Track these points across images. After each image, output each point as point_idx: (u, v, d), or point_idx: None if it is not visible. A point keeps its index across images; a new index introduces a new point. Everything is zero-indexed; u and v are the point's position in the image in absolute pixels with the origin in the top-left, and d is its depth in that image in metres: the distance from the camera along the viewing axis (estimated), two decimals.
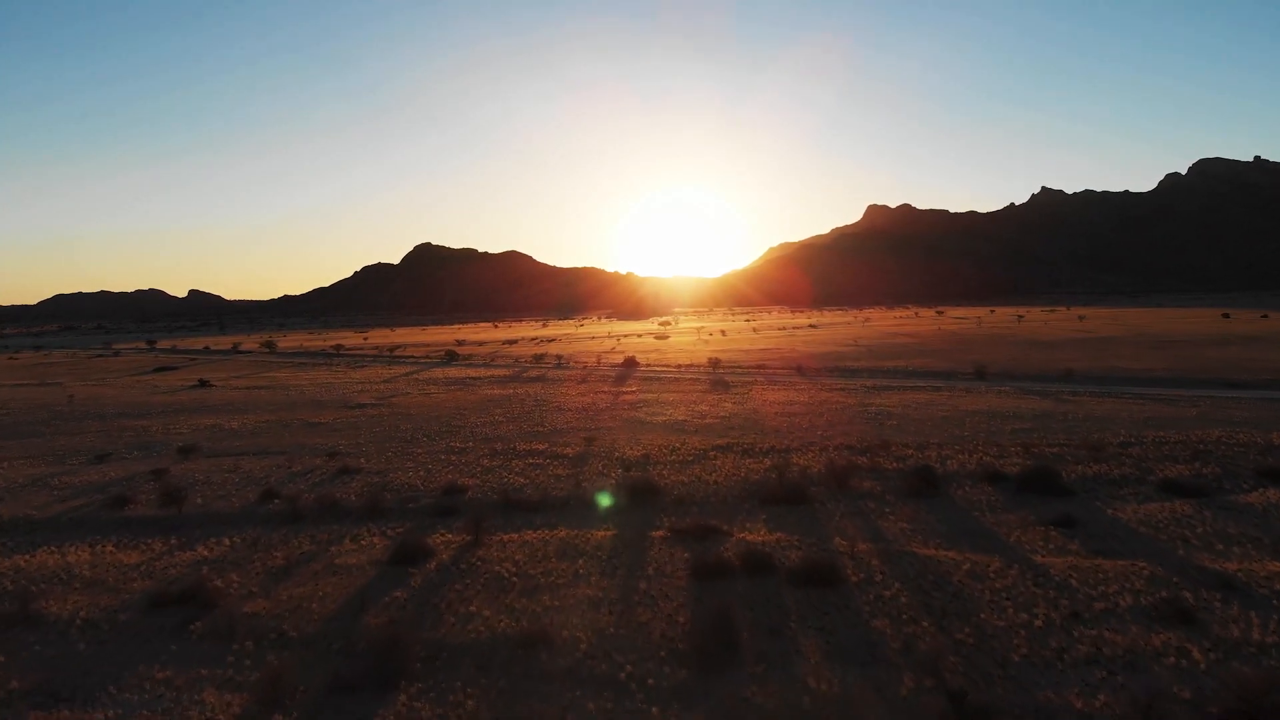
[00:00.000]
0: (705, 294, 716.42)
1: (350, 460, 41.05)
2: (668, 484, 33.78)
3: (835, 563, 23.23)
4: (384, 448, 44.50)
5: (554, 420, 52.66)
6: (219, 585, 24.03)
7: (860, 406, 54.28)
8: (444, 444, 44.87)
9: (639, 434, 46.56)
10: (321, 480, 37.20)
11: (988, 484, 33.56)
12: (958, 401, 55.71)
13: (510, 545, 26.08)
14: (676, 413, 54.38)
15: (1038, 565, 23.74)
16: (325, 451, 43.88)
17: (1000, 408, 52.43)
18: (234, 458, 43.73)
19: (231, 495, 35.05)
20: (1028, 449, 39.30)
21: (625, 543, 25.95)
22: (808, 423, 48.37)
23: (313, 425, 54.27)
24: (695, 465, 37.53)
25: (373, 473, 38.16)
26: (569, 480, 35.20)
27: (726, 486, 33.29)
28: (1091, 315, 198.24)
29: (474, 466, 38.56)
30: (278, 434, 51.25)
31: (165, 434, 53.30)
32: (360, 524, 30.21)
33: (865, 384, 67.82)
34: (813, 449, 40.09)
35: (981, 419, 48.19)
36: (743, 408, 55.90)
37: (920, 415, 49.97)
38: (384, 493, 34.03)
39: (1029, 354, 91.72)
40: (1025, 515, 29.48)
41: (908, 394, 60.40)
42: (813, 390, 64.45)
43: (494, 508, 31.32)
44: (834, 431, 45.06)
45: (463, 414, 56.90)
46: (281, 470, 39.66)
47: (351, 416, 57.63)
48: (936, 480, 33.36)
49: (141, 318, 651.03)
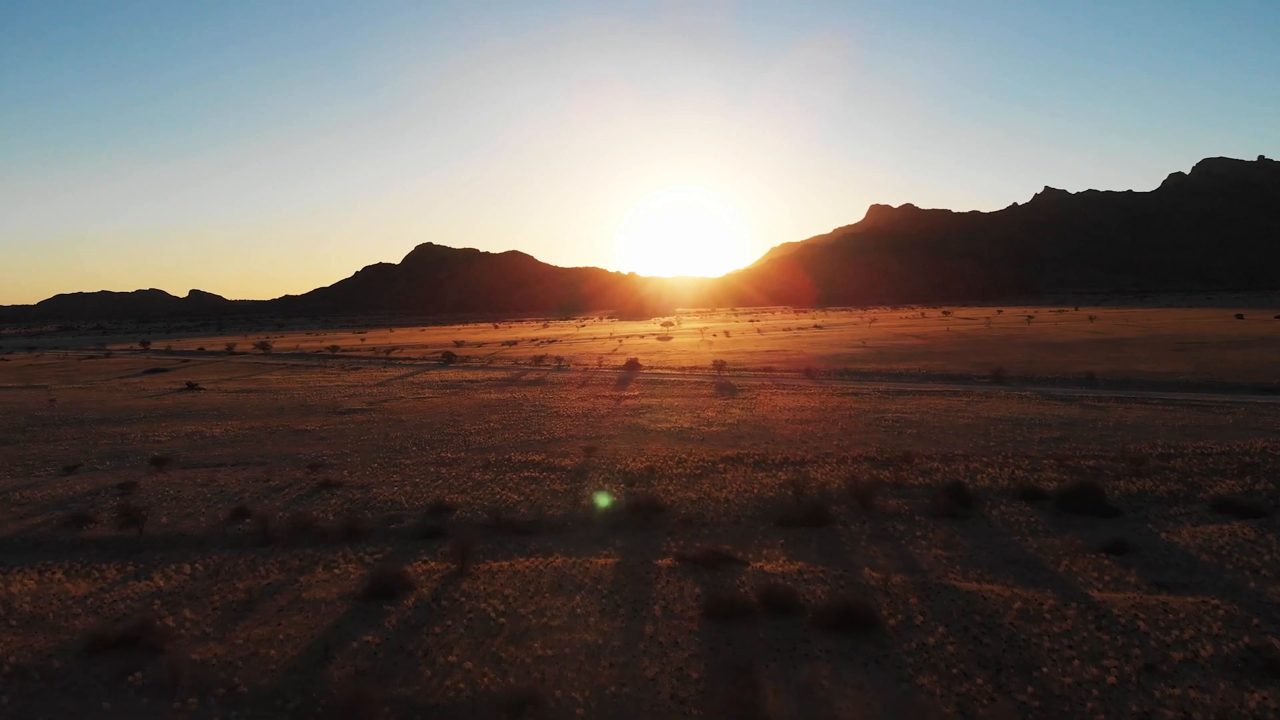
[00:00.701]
0: (707, 294, 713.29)
1: (333, 473, 38.25)
2: (674, 501, 30.96)
3: (869, 601, 20.37)
4: (370, 458, 41.71)
5: (552, 427, 49.87)
6: (169, 624, 21.20)
7: (876, 413, 51.43)
8: (434, 454, 42.07)
9: (642, 443, 43.76)
10: (299, 496, 34.39)
11: (1024, 502, 30.69)
12: (978, 408, 52.87)
13: (499, 576, 23.24)
14: (681, 419, 51.57)
15: (1096, 603, 20.88)
16: (308, 462, 41.11)
17: (1024, 414, 49.58)
18: (210, 469, 40.96)
19: (200, 513, 32.26)
20: (1062, 461, 36.44)
21: (628, 573, 23.11)
22: (822, 431, 45.54)
23: (298, 433, 51.52)
24: (703, 479, 34.70)
25: (355, 487, 35.36)
26: (567, 497, 32.37)
27: (739, 504, 30.44)
28: (1101, 315, 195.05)
29: (464, 480, 35.74)
30: (261, 442, 48.49)
31: (143, 442, 50.56)
32: (336, 548, 27.41)
33: (878, 388, 64.96)
34: (830, 461, 37.25)
35: (1006, 427, 45.35)
36: (751, 414, 53.07)
37: (941, 423, 47.14)
38: (365, 511, 31.23)
39: (1044, 356, 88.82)
40: (1071, 540, 26.65)
41: (925, 399, 57.54)
42: (824, 395, 61.59)
43: (483, 529, 28.51)
44: (851, 441, 42.21)
45: (456, 420, 54.11)
46: (258, 484, 36.87)
47: (340, 423, 54.85)
48: (969, 498, 30.50)
49: (141, 318, 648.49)
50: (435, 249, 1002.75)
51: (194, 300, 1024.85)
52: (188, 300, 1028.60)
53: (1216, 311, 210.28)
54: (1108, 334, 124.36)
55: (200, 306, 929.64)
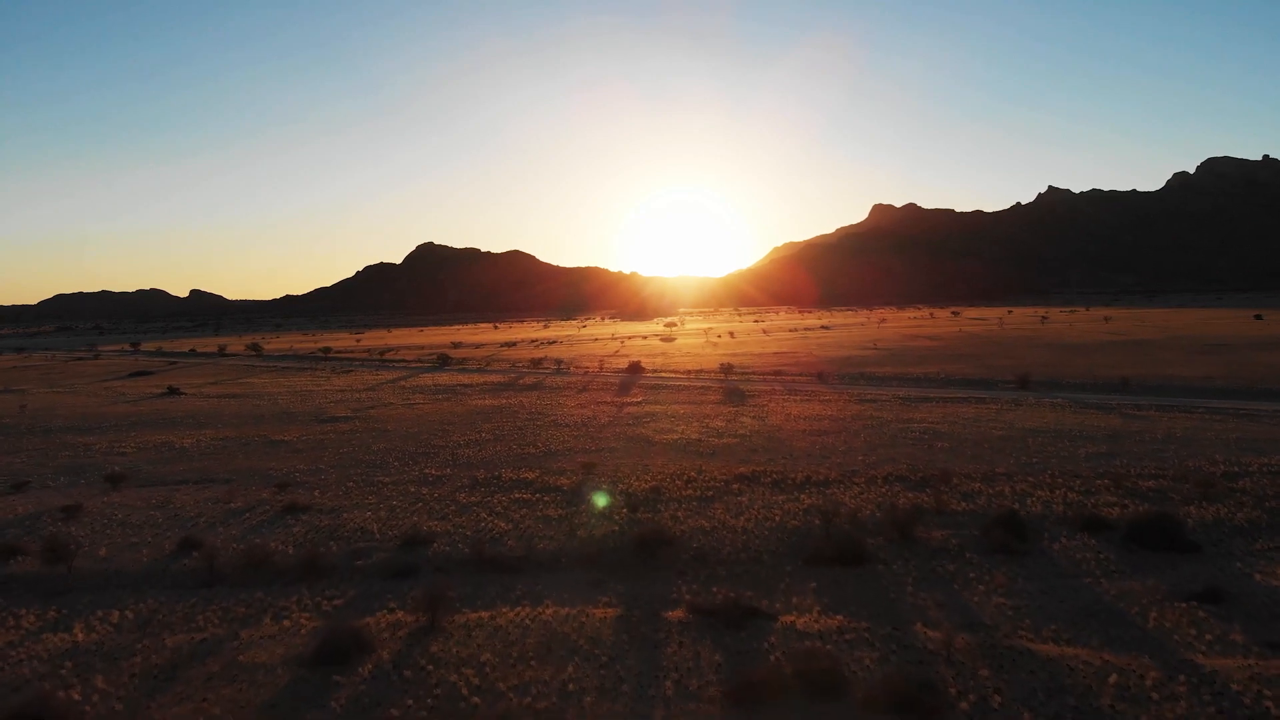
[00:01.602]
0: (709, 294, 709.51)
1: (302, 493, 34.36)
2: (684, 531, 27.04)
3: (930, 675, 16.50)
4: (346, 475, 37.81)
5: (548, 439, 45.98)
6: (74, 697, 17.36)
7: (900, 423, 47.49)
8: (417, 470, 38.17)
9: (646, 457, 39.85)
10: (260, 522, 30.48)
11: (1088, 534, 26.75)
12: (1010, 416, 48.91)
13: (477, 633, 19.33)
14: (689, 429, 47.66)
15: (1207, 674, 16.93)
16: (277, 480, 37.23)
17: (1062, 425, 45.63)
18: (170, 487, 37.09)
19: (145, 544, 28.37)
20: (1118, 483, 32.47)
21: (632, 631, 19.19)
22: (843, 444, 41.58)
23: (274, 444, 47.66)
24: (716, 503, 30.77)
25: (324, 511, 31.46)
26: (561, 525, 28.45)
27: (759, 536, 26.51)
28: (1115, 316, 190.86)
29: (446, 504, 31.82)
30: (231, 455, 44.63)
31: (106, 454, 46.71)
32: (291, 590, 23.52)
33: (897, 394, 61.00)
34: (857, 481, 33.31)
35: (1046, 439, 41.39)
36: (764, 424, 49.15)
37: (974, 434, 43.18)
38: (330, 542, 27.33)
39: (1067, 359, 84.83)
40: (1153, 584, 22.75)
41: (950, 407, 53.58)
42: (840, 402, 57.64)
43: (463, 566, 24.61)
44: (877, 456, 38.25)
45: (445, 430, 50.22)
46: (218, 507, 32.98)
47: (320, 433, 50.98)
48: (1024, 529, 26.56)
49: (141, 318, 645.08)
50: (436, 249, 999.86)
51: (194, 300, 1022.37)
52: (188, 300, 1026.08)
53: (1231, 312, 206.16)
54: (1127, 335, 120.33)
55: (200, 306, 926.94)
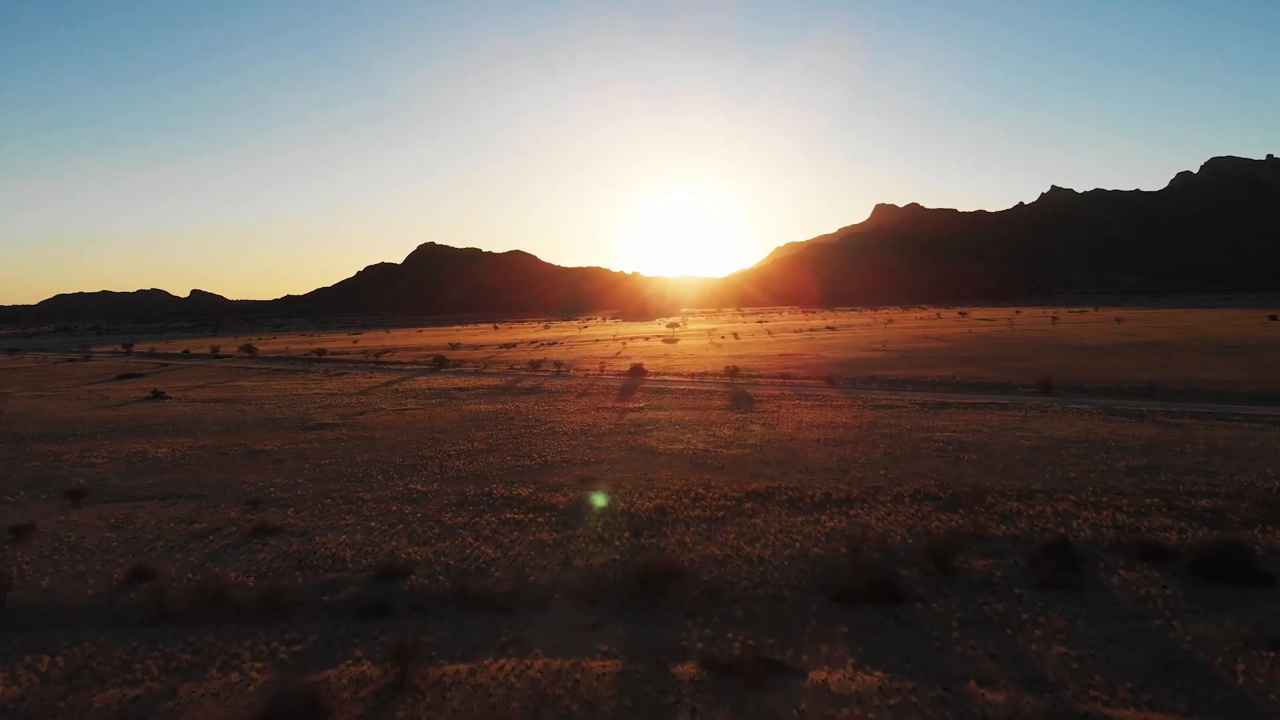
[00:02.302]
0: (711, 294, 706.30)
1: (274, 512, 31.47)
2: (693, 561, 24.13)
3: None
4: (325, 490, 34.92)
5: (545, 449, 43.08)
6: None
7: (920, 432, 44.55)
8: (402, 485, 35.27)
9: (650, 470, 36.95)
10: (224, 547, 27.58)
11: (1146, 564, 23.80)
12: (1037, 425, 45.97)
13: (453, 695, 16.43)
14: (695, 438, 44.75)
15: None
16: (250, 496, 34.35)
17: (1094, 434, 42.68)
18: (134, 504, 34.24)
19: (93, 573, 25.49)
20: (1169, 502, 29.53)
21: (636, 693, 16.28)
22: (862, 456, 38.63)
23: (253, 454, 44.80)
24: (728, 525, 27.85)
25: (295, 534, 28.57)
26: (556, 552, 25.53)
27: (778, 567, 23.58)
28: (1126, 316, 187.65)
29: (430, 525, 28.92)
30: (206, 466, 41.78)
31: (75, 465, 43.90)
32: (246, 631, 20.63)
33: (913, 399, 58.04)
34: (882, 500, 30.38)
35: (1080, 451, 38.44)
36: (774, 432, 46.23)
37: (1001, 445, 40.23)
38: (297, 572, 24.43)
39: (1085, 361, 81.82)
40: (1230, 626, 19.84)
41: (972, 413, 50.64)
42: (854, 408, 54.70)
43: (443, 604, 21.72)
44: (900, 470, 35.31)
45: (436, 439, 47.33)
46: (180, 528, 30.10)
47: (303, 442, 48.10)
48: (1076, 558, 23.65)
49: (141, 318, 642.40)
50: (437, 249, 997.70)
51: (195, 300, 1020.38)
52: (189, 300, 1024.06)
53: (1244, 312, 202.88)
54: (1141, 336, 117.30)
55: (201, 307, 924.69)
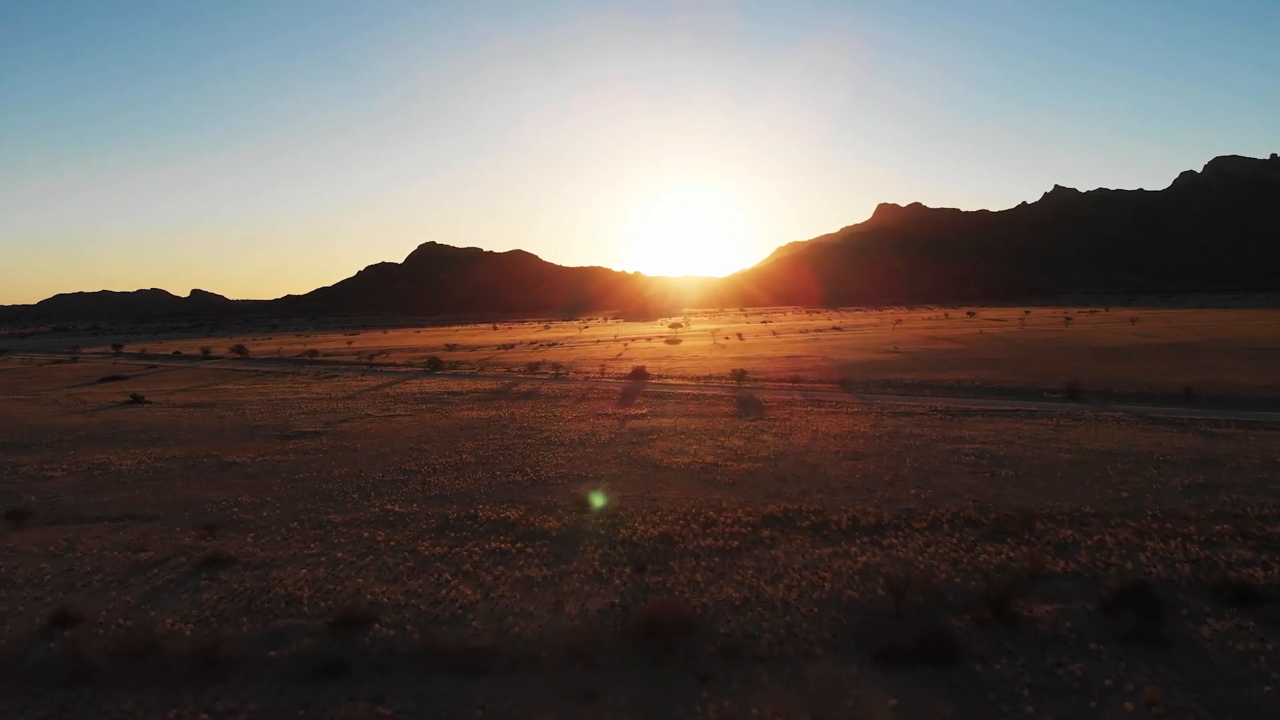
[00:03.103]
0: (713, 294, 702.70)
1: (232, 539, 27.99)
2: (707, 605, 20.62)
3: None
4: (293, 511, 31.44)
5: (539, 462, 39.60)
6: None
7: (948, 443, 41.02)
8: (378, 506, 31.79)
9: (654, 488, 33.47)
10: (167, 584, 24.09)
11: (1234, 608, 20.31)
12: (1073, 435, 42.43)
13: None
14: (702, 450, 41.26)
15: None
16: (210, 518, 30.88)
17: (1137, 446, 39.14)
18: (81, 527, 30.79)
19: (14, 615, 22.02)
20: (1242, 529, 25.98)
21: None
22: (888, 471, 35.10)
23: (224, 467, 41.37)
24: (744, 558, 24.34)
25: (251, 566, 25.08)
26: (546, 593, 22.02)
27: (807, 615, 20.05)
28: (1140, 317, 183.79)
29: (404, 557, 25.41)
30: (170, 481, 38.34)
31: (30, 479, 40.51)
32: (172, 699, 17.13)
33: (934, 405, 54.50)
34: (917, 525, 26.86)
35: (1127, 466, 34.90)
36: (788, 443, 42.73)
37: (1039, 459, 36.70)
38: (244, 618, 20.94)
39: (1108, 365, 78.22)
40: None
41: (999, 422, 47.10)
42: (871, 415, 51.18)
43: (409, 663, 18.22)
44: (934, 489, 31.78)
45: (423, 450, 43.86)
46: (124, 558, 26.62)
47: (280, 453, 44.66)
48: (1156, 603, 20.14)
49: (140, 318, 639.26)
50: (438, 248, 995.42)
51: (195, 300, 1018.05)
52: (189, 300, 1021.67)
53: (1258, 313, 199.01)
54: (1160, 337, 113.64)
55: (201, 306, 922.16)
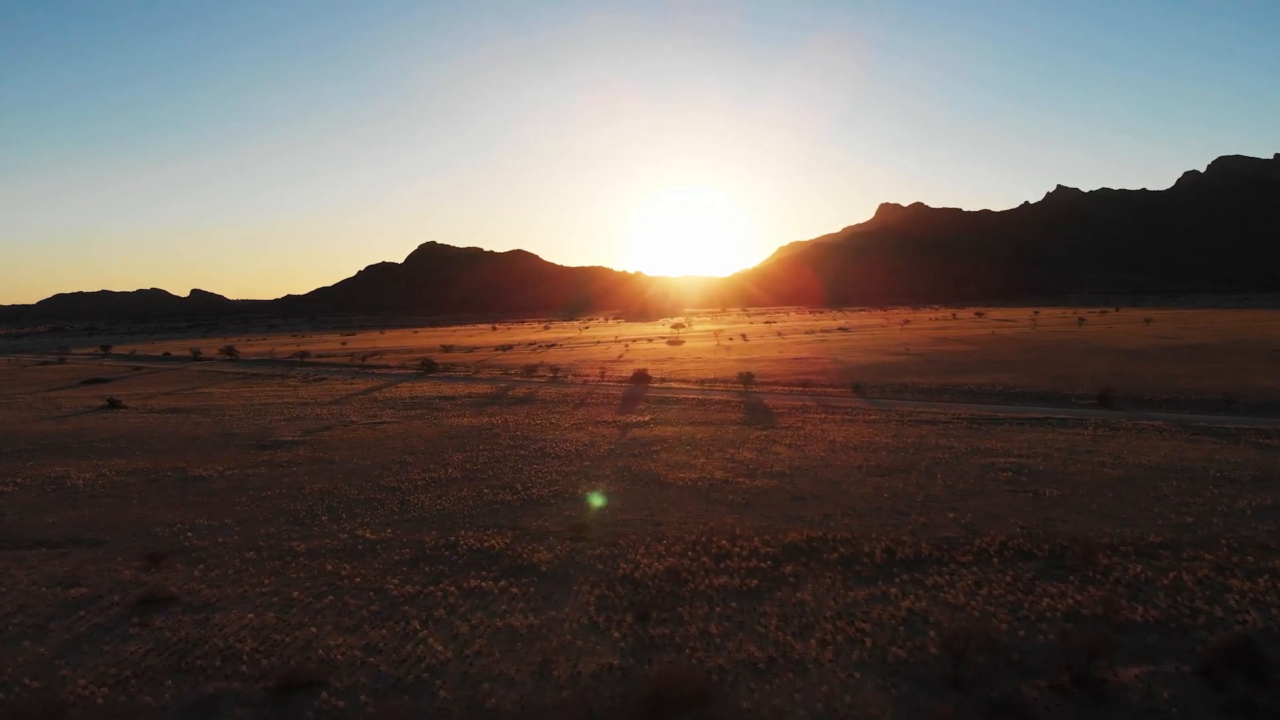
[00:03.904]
0: (715, 294, 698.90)
1: (179, 571, 24.51)
2: (724, 670, 17.04)
3: None
4: (251, 538, 27.95)
5: (531, 477, 36.09)
6: None
7: (978, 455, 37.48)
8: (347, 531, 28.29)
9: (658, 509, 29.98)
10: (92, 630, 20.61)
11: None
12: (1113, 447, 38.89)
13: None
14: (710, 464, 37.75)
15: None
16: (160, 544, 27.43)
17: (1189, 461, 35.61)
18: (14, 555, 27.41)
19: None
20: None
21: None
22: (918, 489, 31.56)
23: (188, 482, 37.89)
24: (766, 603, 20.82)
25: (192, 608, 21.60)
26: (530, 650, 18.48)
27: (847, 684, 16.48)
28: (1153, 318, 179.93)
29: (368, 597, 21.89)
30: (126, 499, 34.87)
31: None
32: None
33: (957, 413, 50.95)
34: (962, 557, 23.33)
35: (1183, 484, 31.36)
36: (804, 455, 39.20)
37: (1082, 475, 33.16)
38: (169, 680, 17.42)
39: (1132, 368, 74.62)
40: None
41: (1030, 431, 43.57)
42: (890, 423, 47.65)
43: None
44: (972, 512, 28.24)
45: (406, 463, 40.36)
46: (51, 597, 23.13)
47: (251, 465, 41.17)
48: (1265, 664, 16.62)
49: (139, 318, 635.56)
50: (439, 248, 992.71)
51: (195, 300, 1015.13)
52: (189, 300, 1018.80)
53: (1272, 314, 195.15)
54: (1178, 339, 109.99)
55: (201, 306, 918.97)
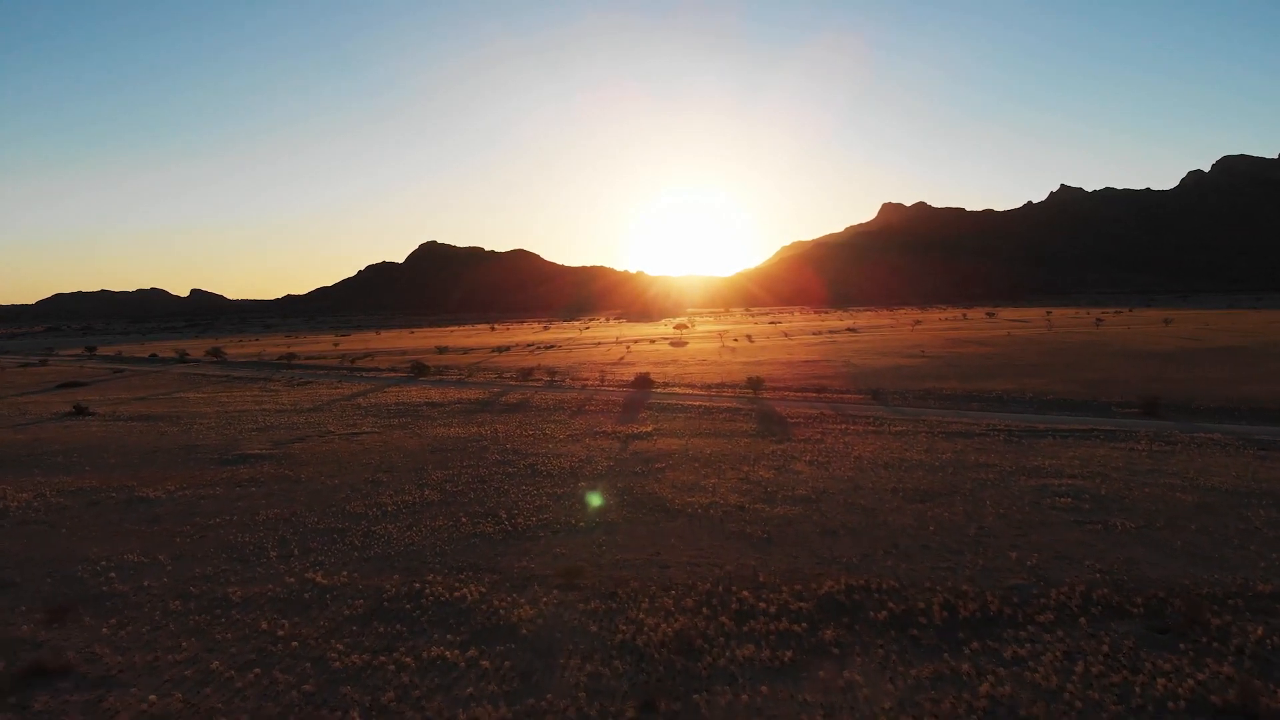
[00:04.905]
0: (717, 294, 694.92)
1: (82, 630, 20.17)
2: None
3: None
4: (182, 580, 23.58)
5: (518, 502, 31.72)
6: None
7: (1027, 476, 33.07)
8: (296, 575, 23.92)
9: (665, 545, 25.63)
10: None
11: None
12: (1177, 466, 34.45)
13: None
14: (724, 485, 33.38)
15: None
16: (71, 590, 23.11)
17: (1269, 483, 31.23)
18: None
19: None
20: None
21: None
22: (968, 520, 27.14)
23: (131, 505, 33.58)
24: (805, 685, 16.40)
25: (85, 685, 17.27)
26: None
27: None
28: (1172, 318, 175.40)
29: (301, 673, 17.48)
30: (55, 527, 30.55)
31: None
32: None
33: (991, 423, 46.53)
34: (1042, 617, 18.92)
35: (1271, 512, 27.00)
36: (828, 473, 34.80)
37: (1152, 501, 28.74)
38: None
39: (1167, 372, 70.18)
40: None
41: (1078, 447, 39.14)
42: (919, 435, 43.25)
43: None
44: (1037, 551, 23.82)
45: (378, 483, 36.00)
46: None
47: (206, 485, 36.82)
48: None
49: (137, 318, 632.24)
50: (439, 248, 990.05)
51: (195, 300, 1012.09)
52: (188, 300, 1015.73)
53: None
54: (1206, 340, 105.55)
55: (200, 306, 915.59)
